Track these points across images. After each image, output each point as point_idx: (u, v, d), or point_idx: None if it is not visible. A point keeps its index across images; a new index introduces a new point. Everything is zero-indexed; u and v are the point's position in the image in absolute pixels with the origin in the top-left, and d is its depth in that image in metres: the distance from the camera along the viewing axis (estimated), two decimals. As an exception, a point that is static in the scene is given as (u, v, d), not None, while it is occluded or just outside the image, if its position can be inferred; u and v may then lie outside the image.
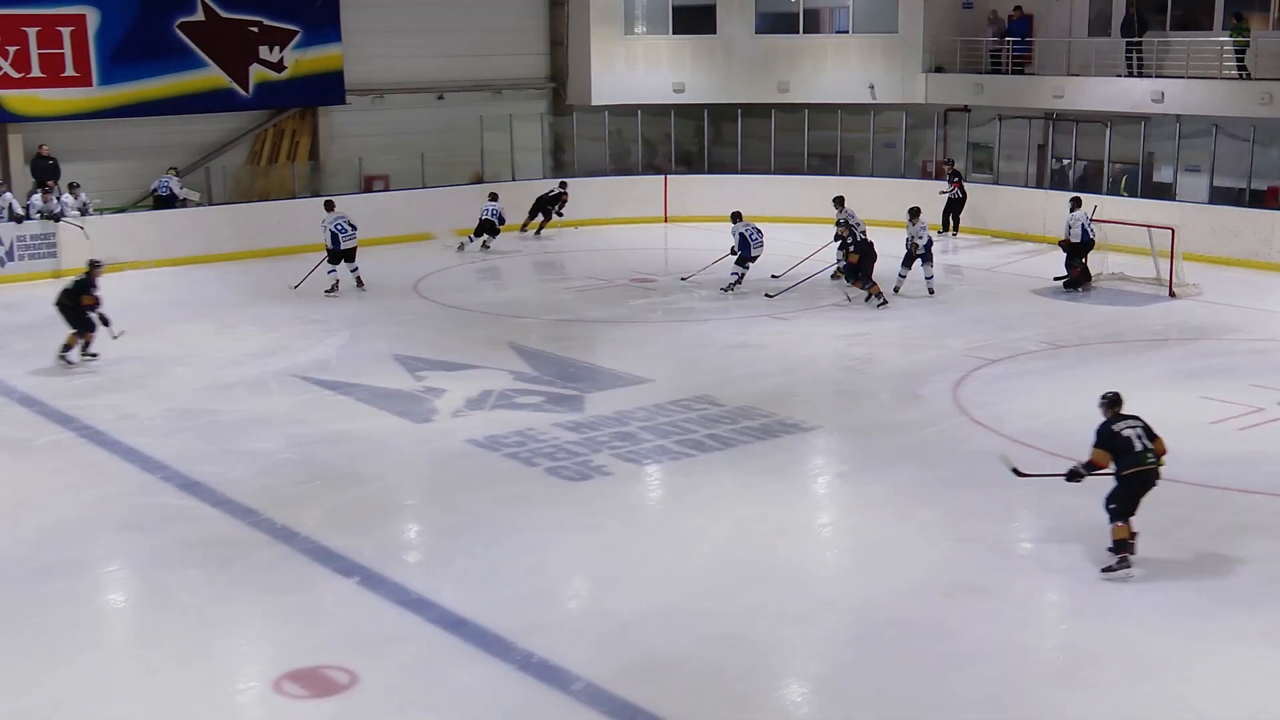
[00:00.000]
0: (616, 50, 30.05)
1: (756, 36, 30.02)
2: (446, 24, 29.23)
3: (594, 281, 22.54)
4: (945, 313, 20.16)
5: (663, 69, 30.08)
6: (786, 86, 29.81)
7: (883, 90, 29.56)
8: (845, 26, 30.12)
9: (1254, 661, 9.13)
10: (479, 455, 13.44)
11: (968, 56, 29.27)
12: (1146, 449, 10.44)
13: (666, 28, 30.16)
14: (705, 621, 9.71)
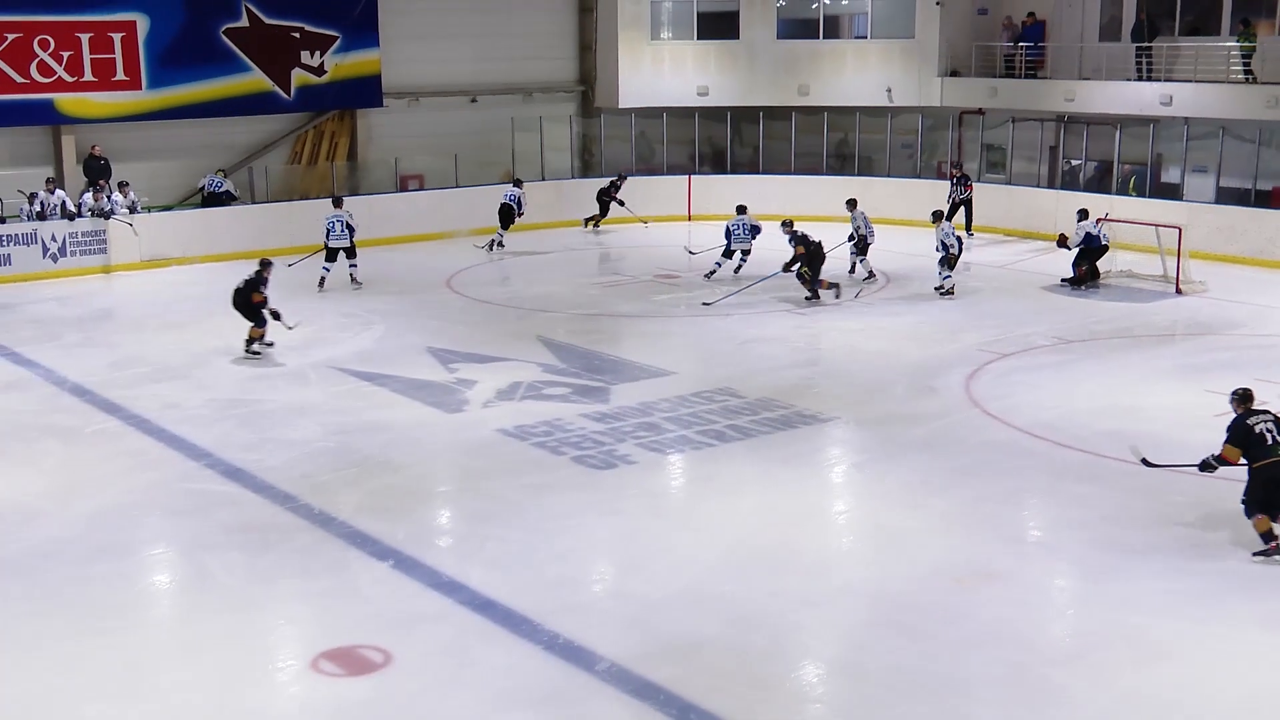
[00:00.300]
0: (643, 55, 30.01)
1: (778, 41, 29.94)
2: (479, 30, 29.26)
3: (619, 278, 22.52)
4: (959, 309, 20.07)
5: (687, 73, 30.03)
6: (807, 90, 29.73)
7: (900, 93, 29.45)
8: (864, 32, 30.02)
9: (1256, 646, 9.07)
10: (508, 444, 13.45)
11: (982, 61, 29.13)
12: (1277, 443, 10.42)
13: (691, 33, 30.12)
14: (726, 605, 9.70)
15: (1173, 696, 8.40)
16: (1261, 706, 8.21)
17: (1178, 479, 12.27)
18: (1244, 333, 18.42)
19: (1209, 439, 13.43)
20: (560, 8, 30.79)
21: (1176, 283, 21.14)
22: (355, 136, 28.14)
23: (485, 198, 27.04)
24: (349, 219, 21.69)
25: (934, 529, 11.28)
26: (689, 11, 30.04)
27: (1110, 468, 12.68)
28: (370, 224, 25.75)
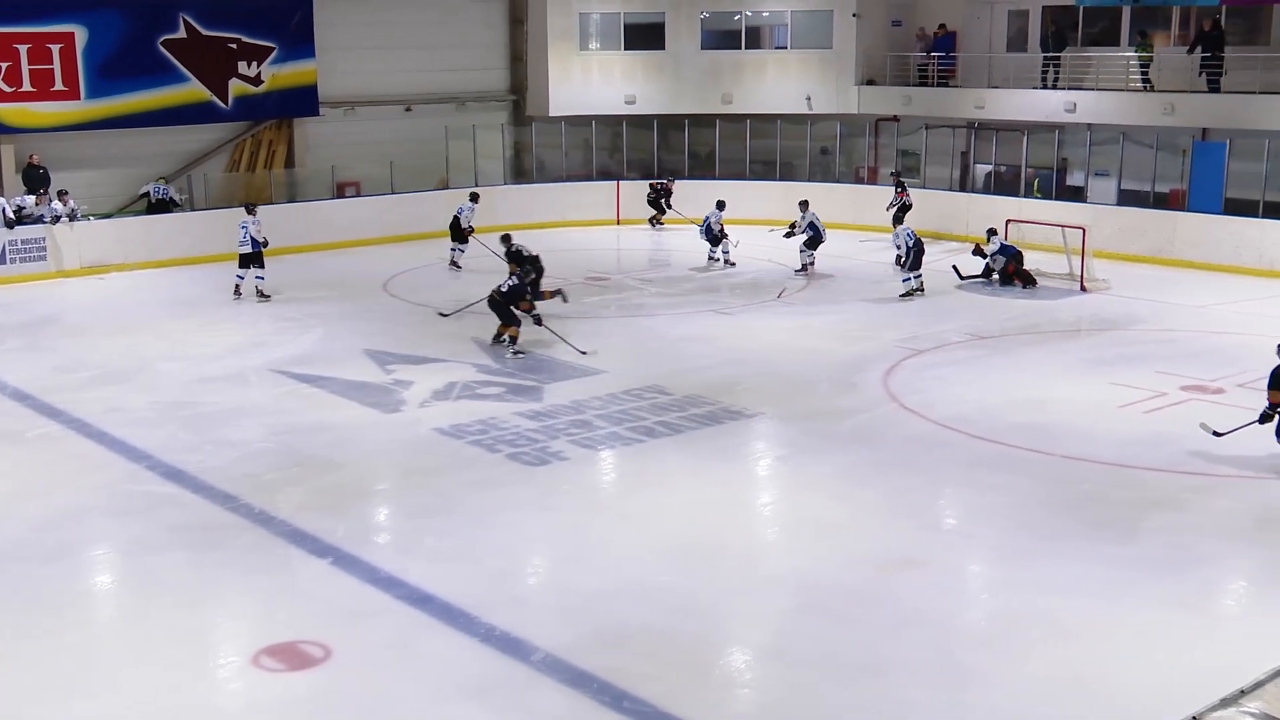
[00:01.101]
0: (572, 65, 29.94)
1: (702, 52, 30.00)
2: (414, 41, 29.02)
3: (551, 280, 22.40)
4: (878, 307, 20.20)
5: (615, 82, 30.01)
6: (730, 98, 29.82)
7: (819, 101, 29.61)
8: (784, 43, 30.15)
9: (1164, 624, 9.19)
10: (445, 443, 13.35)
11: (897, 70, 29.36)
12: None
13: (619, 44, 30.09)
14: (659, 595, 9.67)
15: (1086, 674, 8.48)
16: (1171, 682, 8.31)
17: (1085, 468, 12.44)
18: (1146, 328, 18.70)
19: (1115, 429, 13.70)
20: (492, 20, 30.63)
21: (1081, 281, 21.42)
22: (293, 145, 27.79)
23: (420, 204, 26.91)
24: (251, 227, 20.55)
25: (857, 519, 11.33)
26: (616, 23, 30.01)
27: (1023, 458, 12.81)
28: (309, 230, 25.56)
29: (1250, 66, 23.95)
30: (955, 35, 28.93)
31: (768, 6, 29.98)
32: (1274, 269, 22.21)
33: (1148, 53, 25.58)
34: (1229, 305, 20.07)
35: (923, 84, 28.78)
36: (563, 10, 29.63)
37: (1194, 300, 20.52)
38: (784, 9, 29.75)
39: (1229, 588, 10.13)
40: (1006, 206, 24.78)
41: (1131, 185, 25.17)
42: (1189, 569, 10.09)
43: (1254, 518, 11.17)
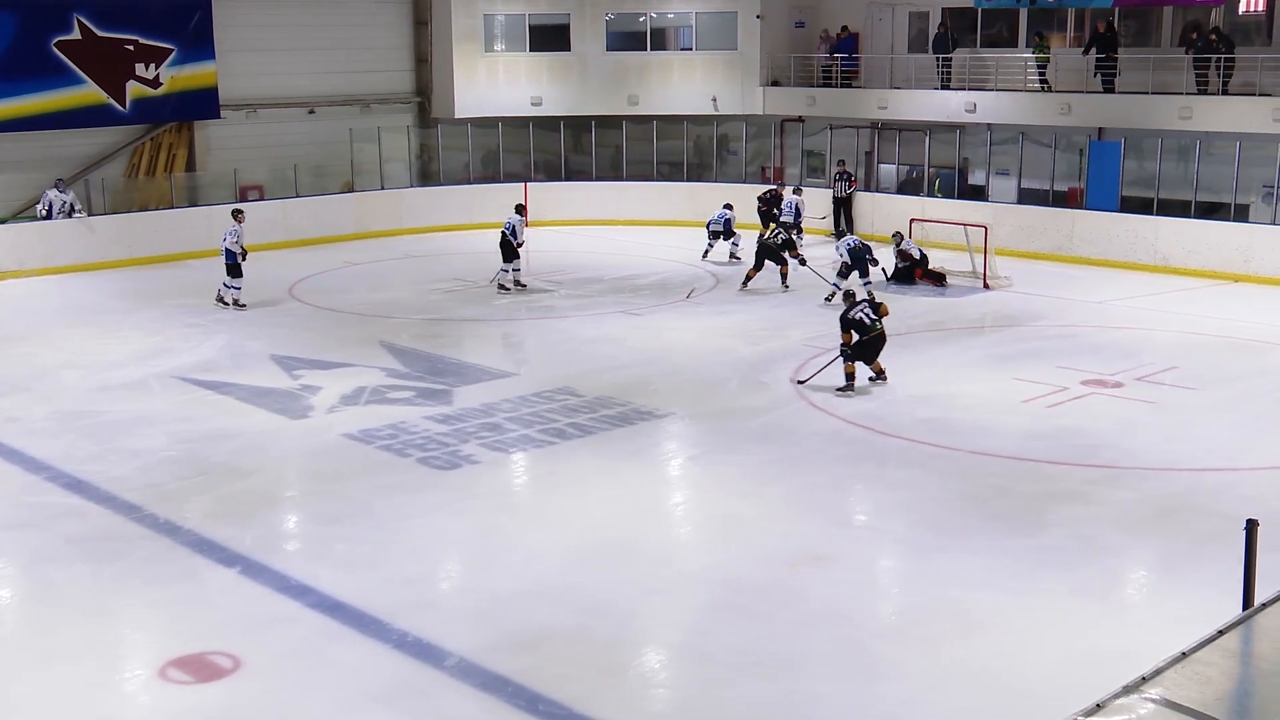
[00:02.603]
0: (477, 67, 29.82)
1: (608, 53, 30.05)
2: (317, 42, 28.69)
3: (460, 283, 22.34)
4: (785, 306, 20.37)
5: (521, 84, 29.94)
6: (636, 99, 29.90)
7: (725, 102, 29.80)
8: (689, 44, 30.30)
9: (1068, 614, 9.38)
10: (354, 448, 13.22)
11: (801, 71, 29.64)
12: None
13: (524, 46, 30.03)
14: (573, 596, 9.67)
15: (994, 664, 8.63)
16: (1076, 670, 8.48)
17: (990, 463, 12.66)
18: (1047, 324, 19.07)
19: (1019, 423, 13.96)
20: (396, 21, 30.38)
21: (984, 278, 21.79)
22: (193, 148, 27.33)
23: (325, 208, 26.62)
24: (232, 235, 20.18)
25: (768, 516, 11.42)
26: (521, 25, 29.94)
27: (928, 453, 13.00)
28: (211, 235, 25.10)
29: (1143, 67, 24.54)
30: (858, 36, 29.28)
31: (673, 8, 30.12)
32: (1168, 265, 22.78)
33: (1044, 54, 26.10)
34: (1126, 300, 20.55)
35: (827, 85, 29.09)
36: (467, 11, 29.51)
37: (1093, 296, 20.97)
38: (689, 10, 29.90)
39: (1131, 577, 10.37)
40: (910, 206, 25.13)
41: (1031, 184, 25.67)
42: (1092, 559, 10.31)
43: (1155, 508, 11.44)
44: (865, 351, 15.17)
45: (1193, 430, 13.77)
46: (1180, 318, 19.27)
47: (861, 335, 15.10)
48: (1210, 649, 5.28)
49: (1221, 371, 16.13)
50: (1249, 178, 22.95)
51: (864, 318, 15.11)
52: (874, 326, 15.14)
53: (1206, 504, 11.45)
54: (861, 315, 15.12)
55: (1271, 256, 21.76)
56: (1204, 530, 10.78)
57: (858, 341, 15.10)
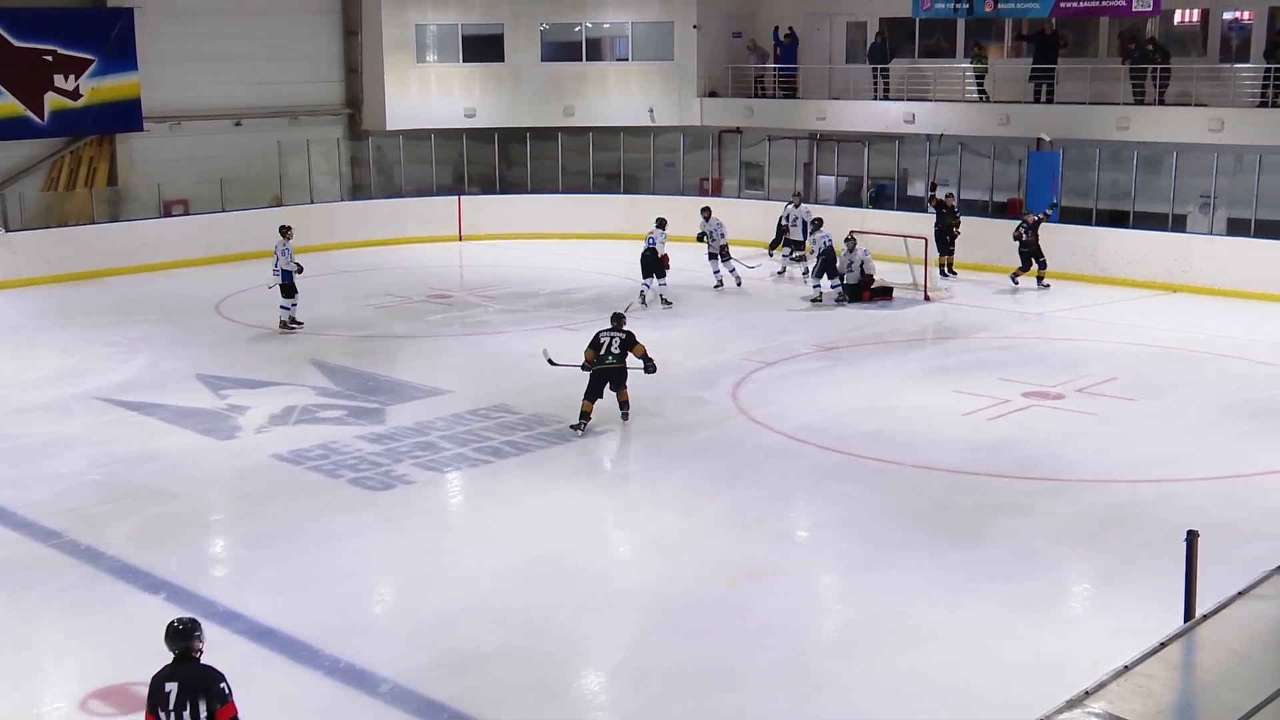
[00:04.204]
0: (409, 77, 29.72)
1: (543, 64, 30.06)
2: (243, 53, 28.43)
3: (393, 299, 22.21)
4: (726, 320, 20.45)
5: (454, 95, 29.87)
6: (572, 111, 29.92)
7: (661, 113, 29.91)
8: (625, 54, 30.38)
9: (1011, 627, 9.48)
10: (283, 469, 13.10)
11: (738, 82, 29.81)
12: None
13: (457, 56, 29.97)
14: (510, 616, 9.63)
15: (937, 678, 8.70)
16: (1018, 684, 8.56)
17: (931, 476, 12.77)
18: (987, 335, 19.27)
19: (960, 436, 14.09)
20: (325, 31, 30.19)
21: (924, 290, 21.99)
22: (115, 161, 26.99)
23: (252, 222, 26.38)
24: (285, 253, 19.45)
25: (707, 532, 11.44)
26: (454, 35, 29.87)
27: (870, 467, 13.09)
28: (134, 250, 24.89)
29: (1080, 77, 24.94)
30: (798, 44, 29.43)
31: (608, 18, 30.21)
32: (1108, 275, 23.11)
33: (983, 64, 26.43)
34: (1066, 311, 20.83)
35: (764, 95, 29.27)
36: (398, 21, 29.40)
37: (1033, 307, 21.23)
38: (624, 20, 29.99)
39: (1073, 589, 10.49)
40: (850, 217, 25.30)
41: (970, 195, 25.96)
42: (1034, 572, 10.42)
43: (1097, 520, 11.58)
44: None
45: (1133, 441, 13.98)
46: (1120, 328, 19.55)
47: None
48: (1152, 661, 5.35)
49: (1161, 382, 16.38)
50: (1186, 188, 23.37)
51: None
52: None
53: (1147, 515, 11.61)
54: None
55: (1208, 267, 22.15)
56: (1145, 541, 10.93)
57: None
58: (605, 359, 14.33)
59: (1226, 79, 23.50)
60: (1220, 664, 5.61)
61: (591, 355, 14.37)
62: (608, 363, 14.33)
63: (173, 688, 6.38)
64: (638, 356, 14.46)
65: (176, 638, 6.55)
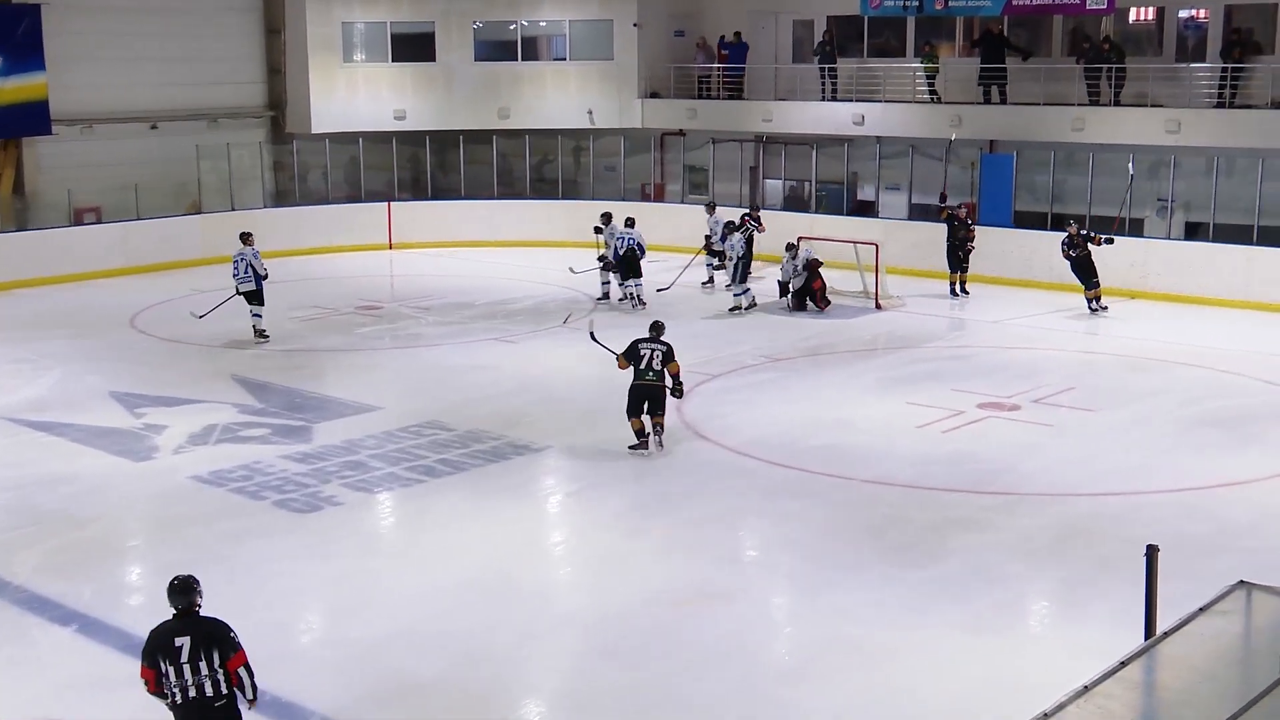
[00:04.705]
0: (336, 78, 29.55)
1: (476, 64, 30.01)
2: (159, 53, 28.15)
3: (320, 310, 22.07)
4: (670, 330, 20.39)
5: (383, 96, 29.73)
6: (507, 113, 29.89)
7: (601, 115, 29.95)
8: (563, 54, 30.39)
9: (965, 646, 9.55)
10: (204, 491, 12.98)
11: (681, 82, 29.92)
12: None
13: (386, 55, 29.84)
14: (446, 643, 9.59)
15: (892, 701, 8.75)
16: (976, 705, 8.63)
17: (885, 491, 12.84)
18: (941, 345, 19.44)
19: (915, 448, 14.19)
20: (246, 29, 29.98)
21: (876, 298, 22.14)
22: (22, 167, 26.60)
23: (169, 230, 26.16)
24: (255, 260, 19.64)
25: (652, 553, 11.45)
26: (382, 33, 29.75)
27: (822, 483, 13.15)
28: (42, 261, 24.56)
29: (1033, 78, 25.23)
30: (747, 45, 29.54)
31: (545, 16, 30.23)
32: (1064, 282, 23.31)
33: (933, 64, 26.68)
34: (1022, 320, 21.04)
35: (708, 96, 29.39)
36: (323, 19, 29.24)
37: (988, 315, 21.44)
38: (562, 18, 30.02)
39: (1032, 607, 10.59)
40: (798, 223, 25.45)
41: (922, 199, 26.18)
42: (991, 589, 10.51)
43: (1055, 535, 11.70)
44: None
45: (1092, 453, 14.14)
46: (1077, 337, 19.80)
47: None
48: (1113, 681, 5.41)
49: (1120, 392, 16.59)
50: (1143, 191, 23.69)
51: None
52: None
53: (1107, 529, 11.75)
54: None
55: (1167, 272, 22.47)
56: (1104, 556, 11.05)
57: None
58: (645, 374, 13.91)
59: (1183, 79, 23.87)
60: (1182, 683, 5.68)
61: (625, 364, 14.07)
62: (648, 379, 13.90)
63: (184, 641, 6.92)
64: (671, 375, 14.11)
65: (181, 593, 7.06)
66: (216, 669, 6.91)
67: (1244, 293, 21.77)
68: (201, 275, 24.70)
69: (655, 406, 14.06)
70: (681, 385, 14.20)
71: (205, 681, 6.90)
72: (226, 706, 6.96)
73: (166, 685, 6.92)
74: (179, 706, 6.93)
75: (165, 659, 6.91)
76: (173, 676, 6.89)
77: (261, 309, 19.88)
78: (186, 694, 6.88)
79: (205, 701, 6.90)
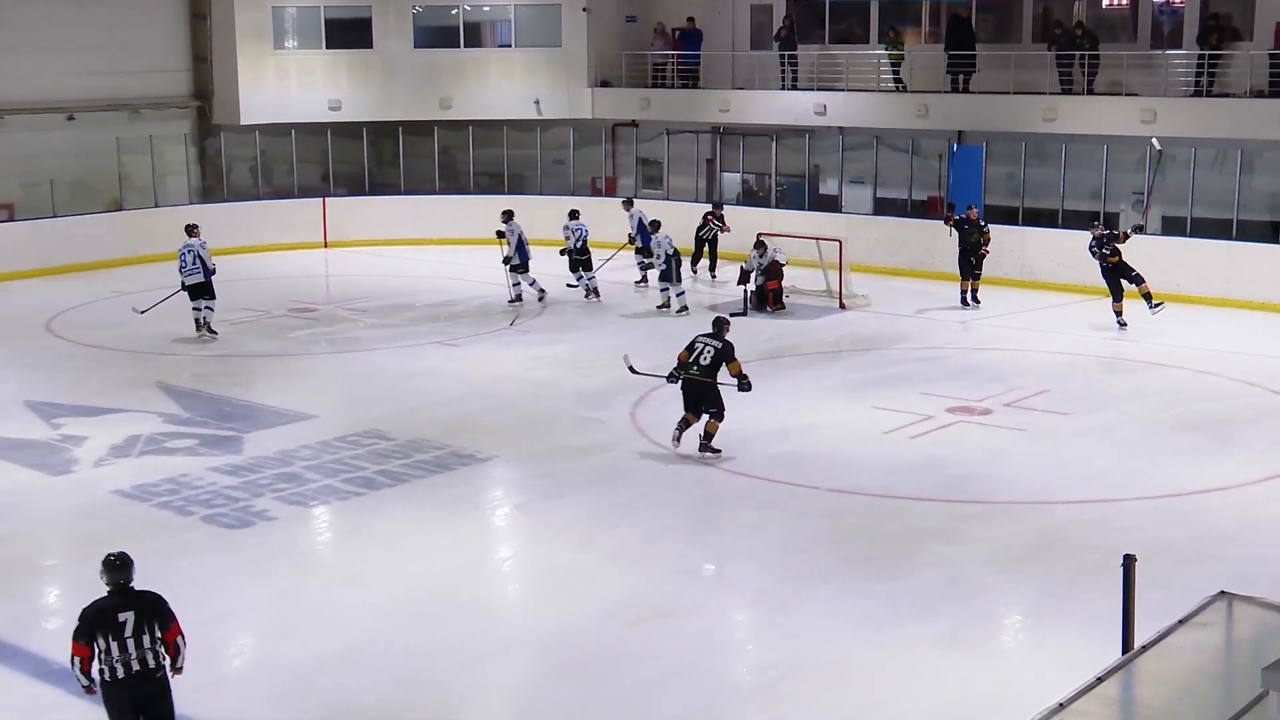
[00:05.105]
0: (266, 66, 29.39)
1: (416, 51, 29.93)
2: (77, 41, 27.87)
3: (250, 313, 21.94)
4: (623, 333, 20.49)
5: (317, 86, 29.61)
6: (449, 103, 29.82)
7: (549, 106, 29.93)
8: (508, 40, 30.35)
9: (936, 662, 9.60)
10: (127, 506, 12.89)
11: (633, 71, 29.93)
12: None
13: (320, 42, 29.69)
14: (388, 665, 9.55)
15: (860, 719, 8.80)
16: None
17: (851, 500, 12.89)
18: (909, 346, 19.54)
19: (881, 456, 14.27)
20: (170, 15, 29.73)
21: (840, 298, 22.23)
22: (-73, 162, 26.37)
23: (88, 228, 25.94)
24: (203, 251, 19.99)
25: (606, 568, 11.45)
26: (316, 19, 29.60)
27: (783, 492, 13.20)
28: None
29: (1003, 65, 25.37)
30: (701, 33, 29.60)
31: (488, 0, 30.17)
32: (1036, 279, 23.57)
33: (899, 51, 26.81)
34: (993, 319, 21.21)
35: (662, 85, 29.42)
36: (253, 3, 29.07)
37: (957, 315, 21.57)
38: (507, 3, 29.99)
39: (1006, 621, 10.67)
40: (757, 218, 25.54)
41: (887, 193, 26.34)
42: (963, 603, 10.57)
43: (1030, 544, 11.79)
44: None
45: (1067, 459, 14.25)
46: (1051, 337, 19.96)
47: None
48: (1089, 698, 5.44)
49: (1096, 394, 16.74)
50: (1118, 184, 23.91)
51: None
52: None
53: (1083, 538, 11.85)
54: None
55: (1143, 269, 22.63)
56: (1081, 567, 11.14)
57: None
58: (690, 368, 14.18)
59: (1158, 66, 24.10)
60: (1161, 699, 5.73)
61: (685, 357, 14.28)
62: (692, 373, 14.15)
63: (128, 616, 7.44)
64: (732, 375, 14.20)
65: (118, 570, 7.64)
66: (157, 640, 7.46)
67: (1224, 290, 22.01)
68: (123, 276, 24.52)
69: (703, 404, 14.23)
70: (746, 379, 14.30)
71: (148, 654, 7.41)
72: (163, 678, 7.50)
73: (105, 661, 7.33)
74: (118, 681, 7.35)
75: (106, 634, 7.33)
76: (115, 651, 7.33)
77: (213, 302, 20.08)
78: (130, 668, 7.35)
79: (148, 674, 7.40)
